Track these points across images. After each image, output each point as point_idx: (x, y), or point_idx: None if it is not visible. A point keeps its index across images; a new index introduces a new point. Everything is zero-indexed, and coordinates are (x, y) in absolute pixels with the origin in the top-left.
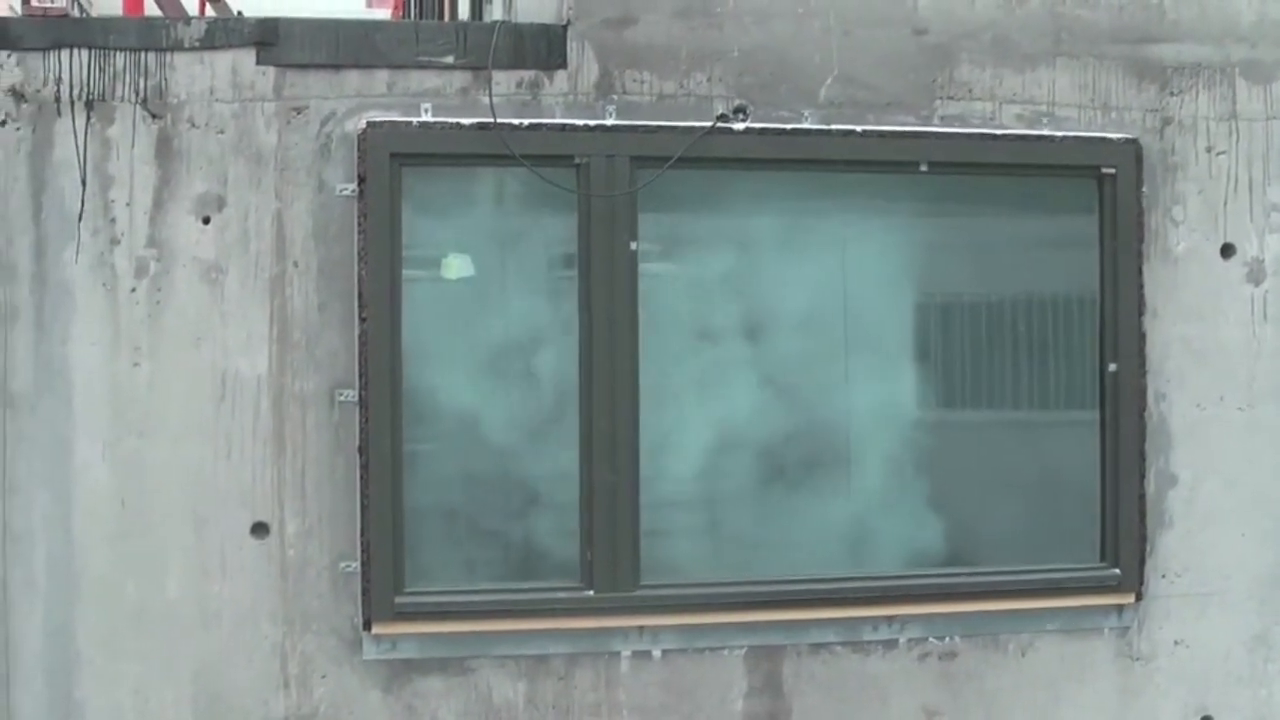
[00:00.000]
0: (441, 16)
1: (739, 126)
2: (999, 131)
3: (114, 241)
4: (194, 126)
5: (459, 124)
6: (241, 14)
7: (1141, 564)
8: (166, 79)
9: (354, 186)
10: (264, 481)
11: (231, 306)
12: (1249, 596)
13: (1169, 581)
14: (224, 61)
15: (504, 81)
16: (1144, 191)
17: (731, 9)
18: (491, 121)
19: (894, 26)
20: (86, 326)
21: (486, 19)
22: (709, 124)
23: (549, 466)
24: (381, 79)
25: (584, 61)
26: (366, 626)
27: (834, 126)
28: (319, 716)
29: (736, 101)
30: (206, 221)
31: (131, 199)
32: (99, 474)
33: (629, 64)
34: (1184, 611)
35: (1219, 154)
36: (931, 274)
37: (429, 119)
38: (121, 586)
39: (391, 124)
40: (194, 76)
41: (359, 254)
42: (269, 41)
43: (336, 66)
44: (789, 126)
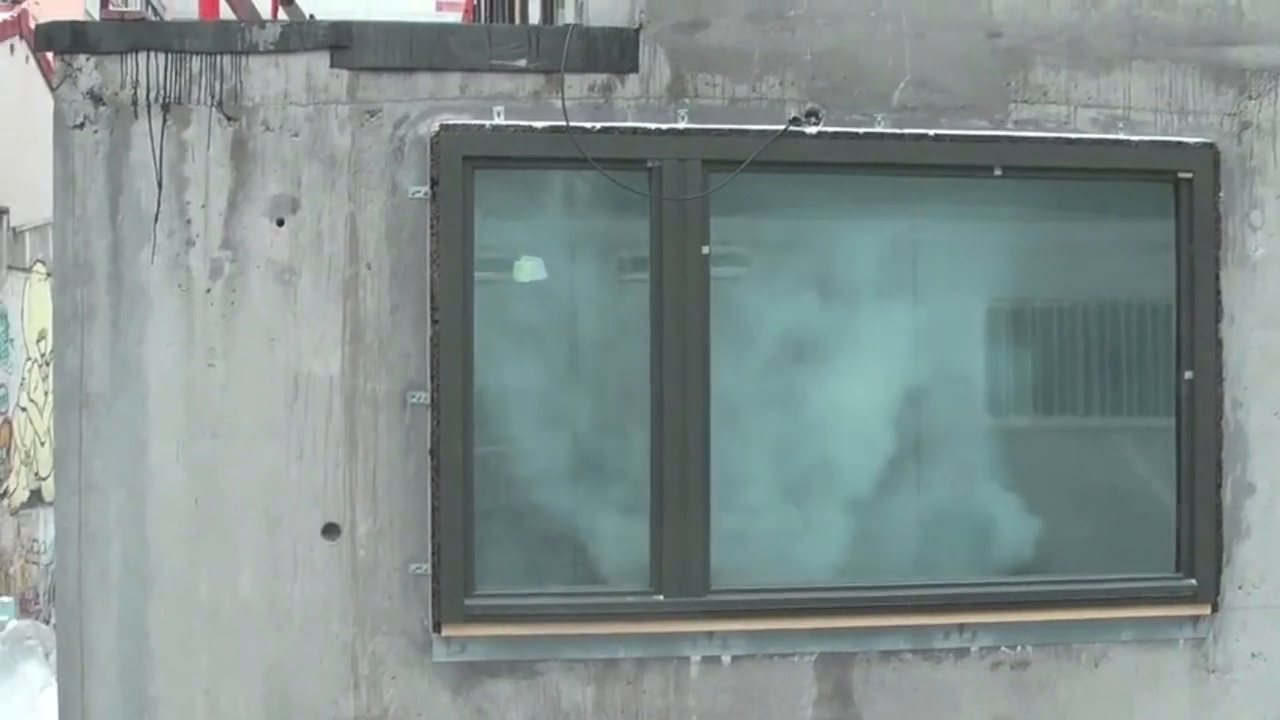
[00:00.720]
0: (512, 20)
1: (811, 130)
2: (1074, 136)
3: (189, 243)
4: (268, 129)
5: (531, 127)
6: (314, 17)
7: (1218, 574)
8: (241, 82)
9: (427, 189)
10: (336, 483)
11: (305, 308)
12: None
13: (1246, 592)
14: (298, 65)
15: (576, 85)
16: (1221, 196)
17: (804, 12)
18: (564, 125)
19: (968, 29)
20: (162, 327)
21: (558, 22)
22: (781, 127)
23: (620, 469)
24: (454, 82)
25: (656, 65)
26: (436, 628)
27: (907, 130)
28: (388, 718)
29: (809, 105)
30: (280, 224)
31: (206, 201)
32: (173, 473)
33: (701, 67)
34: (1261, 623)
35: None
36: (1005, 279)
37: (501, 122)
38: (194, 585)
39: (464, 127)
40: (268, 80)
41: (431, 256)
42: (343, 45)
43: (409, 70)
44: (861, 130)
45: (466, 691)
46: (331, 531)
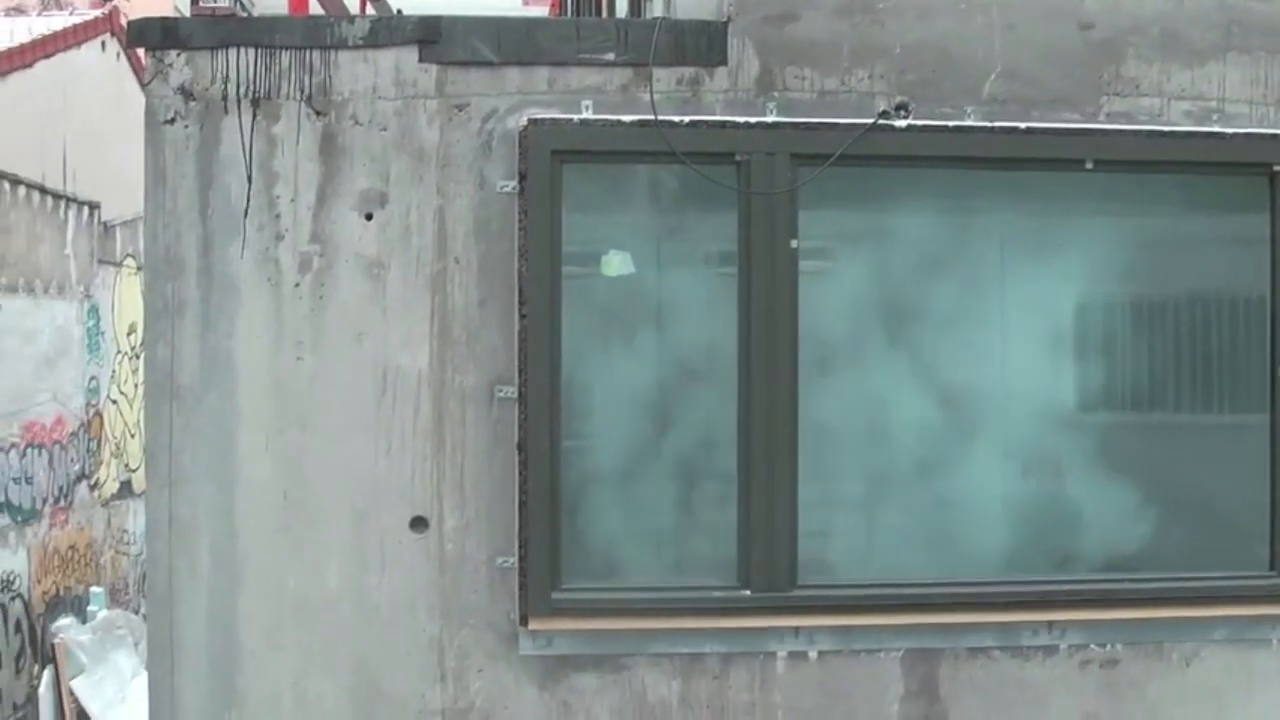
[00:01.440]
0: (599, 13)
1: (901, 123)
2: (1167, 128)
3: (278, 237)
4: (357, 124)
5: (619, 121)
6: (401, 12)
7: None
8: (330, 77)
9: (515, 183)
10: (423, 476)
11: (393, 302)
12: None
13: None
14: (387, 59)
15: (664, 78)
16: None
17: (893, 5)
18: (652, 119)
19: (1059, 21)
20: (251, 321)
21: (646, 16)
22: (870, 121)
23: (706, 464)
24: (542, 76)
25: (744, 58)
26: (523, 622)
27: (997, 124)
28: (475, 711)
29: (898, 98)
30: (369, 218)
31: (295, 195)
32: (262, 466)
33: (790, 60)
34: None
35: None
36: (1096, 274)
37: (589, 116)
38: (282, 578)
39: (552, 121)
40: (357, 74)
41: (519, 251)
42: (431, 39)
43: (498, 64)
44: (951, 124)
45: (552, 685)
46: (419, 525)
